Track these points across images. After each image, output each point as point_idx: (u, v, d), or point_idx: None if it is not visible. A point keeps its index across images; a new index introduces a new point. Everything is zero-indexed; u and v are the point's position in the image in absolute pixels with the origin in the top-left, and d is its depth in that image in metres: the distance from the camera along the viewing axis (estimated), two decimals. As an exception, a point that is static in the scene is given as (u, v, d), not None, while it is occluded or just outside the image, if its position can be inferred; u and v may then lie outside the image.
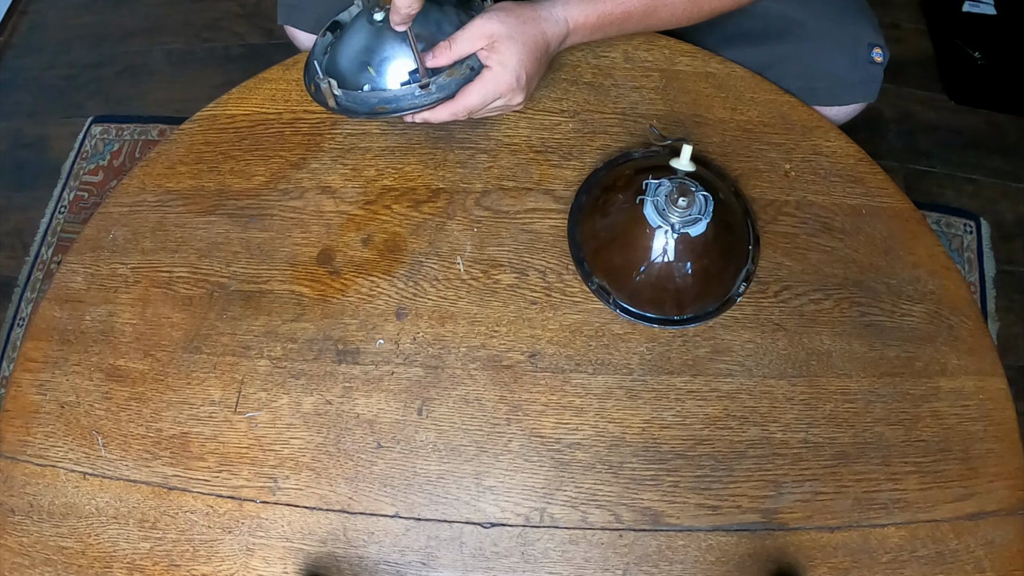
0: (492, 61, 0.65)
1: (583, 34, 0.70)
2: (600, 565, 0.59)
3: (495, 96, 0.66)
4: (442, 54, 0.66)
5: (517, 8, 0.67)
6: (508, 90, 0.66)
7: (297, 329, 0.67)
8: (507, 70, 0.65)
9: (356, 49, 0.71)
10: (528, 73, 0.66)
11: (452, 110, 0.67)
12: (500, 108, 0.69)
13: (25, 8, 1.72)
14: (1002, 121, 1.46)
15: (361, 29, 0.71)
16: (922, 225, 0.70)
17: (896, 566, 0.58)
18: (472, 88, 0.66)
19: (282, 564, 0.59)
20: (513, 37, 0.65)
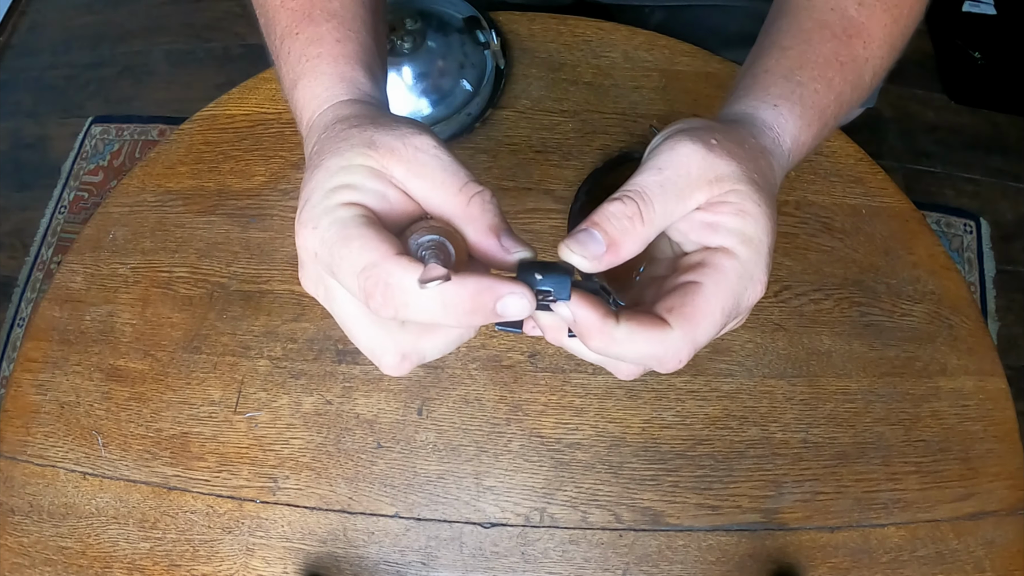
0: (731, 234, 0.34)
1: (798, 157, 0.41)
2: (600, 565, 0.59)
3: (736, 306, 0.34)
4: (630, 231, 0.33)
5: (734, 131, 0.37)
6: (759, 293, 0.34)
7: (297, 329, 0.67)
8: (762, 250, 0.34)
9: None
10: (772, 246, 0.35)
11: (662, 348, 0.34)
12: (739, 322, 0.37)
13: (25, 8, 1.72)
14: (1002, 121, 1.46)
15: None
16: (922, 225, 0.70)
17: (896, 566, 0.58)
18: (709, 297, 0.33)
19: (282, 564, 0.59)
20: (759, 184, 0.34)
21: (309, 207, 0.33)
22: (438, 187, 0.33)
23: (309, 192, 0.33)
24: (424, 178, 0.33)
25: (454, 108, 0.70)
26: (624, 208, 0.33)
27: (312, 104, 0.40)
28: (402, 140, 0.33)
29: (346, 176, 0.33)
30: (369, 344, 0.34)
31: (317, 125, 0.38)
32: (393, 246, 0.31)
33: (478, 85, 0.70)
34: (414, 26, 0.70)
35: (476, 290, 0.30)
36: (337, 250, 0.31)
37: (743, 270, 0.33)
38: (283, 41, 0.43)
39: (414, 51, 0.69)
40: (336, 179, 0.33)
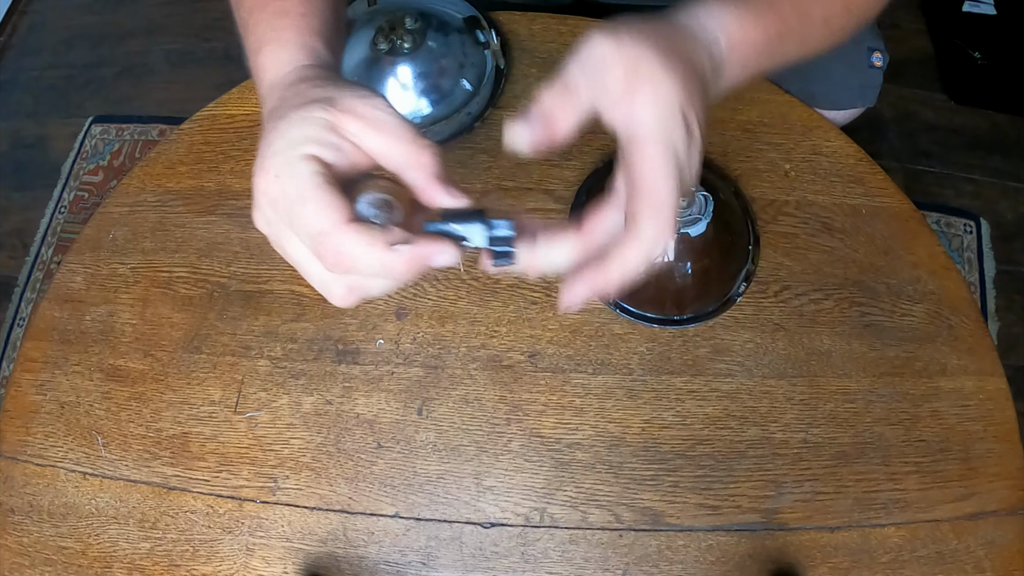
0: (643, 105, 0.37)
1: (740, 61, 0.44)
2: (600, 565, 0.59)
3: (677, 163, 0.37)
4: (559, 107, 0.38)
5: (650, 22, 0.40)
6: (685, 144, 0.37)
7: (297, 329, 0.67)
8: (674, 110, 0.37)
9: (355, 74, 0.71)
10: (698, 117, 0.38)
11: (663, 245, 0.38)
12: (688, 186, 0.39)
13: (25, 8, 1.72)
14: (1002, 121, 1.46)
15: (363, 52, 0.71)
16: (922, 225, 0.70)
17: (896, 566, 0.58)
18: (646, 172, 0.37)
19: (282, 564, 0.59)
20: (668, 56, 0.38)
21: (271, 153, 0.37)
22: (393, 139, 0.38)
23: (272, 139, 0.37)
24: (380, 132, 0.37)
25: (454, 108, 0.70)
26: (551, 89, 0.38)
27: (275, 67, 0.44)
28: (361, 99, 0.38)
29: (306, 127, 0.37)
30: (320, 280, 0.39)
31: (279, 84, 0.43)
32: (345, 212, 0.36)
33: (478, 85, 0.70)
34: (414, 25, 0.69)
35: (410, 257, 0.37)
36: (296, 208, 0.36)
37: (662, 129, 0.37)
38: (251, 13, 0.47)
39: (414, 51, 0.69)
40: (297, 129, 0.37)
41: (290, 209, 0.36)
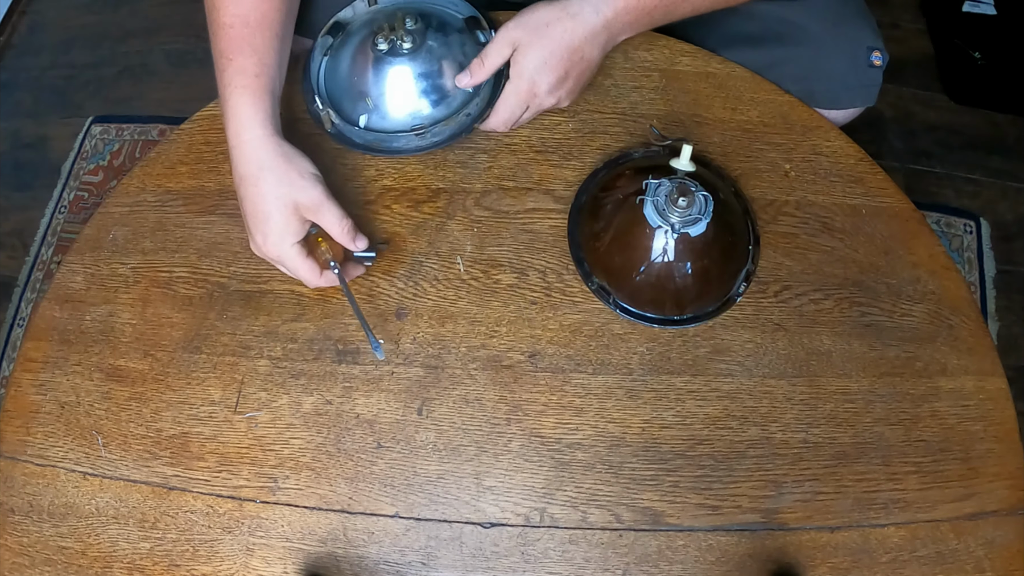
0: (511, 71, 0.67)
1: (627, 22, 0.67)
2: (600, 565, 0.59)
3: (520, 106, 0.68)
4: (477, 71, 0.67)
5: (543, 10, 0.66)
6: (528, 97, 0.67)
7: (297, 329, 0.67)
8: (522, 79, 0.66)
9: (355, 74, 0.71)
10: (551, 78, 0.66)
11: (491, 125, 0.70)
12: (534, 113, 0.70)
13: (25, 8, 1.72)
14: (1002, 121, 1.46)
15: (363, 52, 0.71)
16: (922, 225, 0.70)
17: (896, 566, 0.58)
18: (498, 104, 0.68)
19: (282, 564, 0.59)
20: (531, 43, 0.65)
21: (273, 244, 0.62)
22: (331, 222, 0.62)
23: (269, 228, 0.62)
24: (322, 216, 0.62)
25: (454, 108, 0.70)
26: (475, 60, 0.67)
27: (237, 125, 0.63)
28: (310, 199, 0.61)
29: (290, 225, 0.62)
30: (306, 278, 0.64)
31: (249, 156, 0.62)
32: (315, 268, 0.63)
33: (478, 85, 0.70)
34: (414, 26, 0.69)
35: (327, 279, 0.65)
36: (288, 265, 0.63)
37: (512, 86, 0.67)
38: (219, 59, 0.64)
39: (414, 51, 0.68)
40: (285, 226, 0.61)
41: (285, 267, 0.64)
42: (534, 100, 0.68)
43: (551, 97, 0.68)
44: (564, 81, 0.67)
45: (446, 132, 0.70)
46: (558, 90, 0.67)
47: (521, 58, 0.66)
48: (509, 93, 0.67)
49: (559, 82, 0.67)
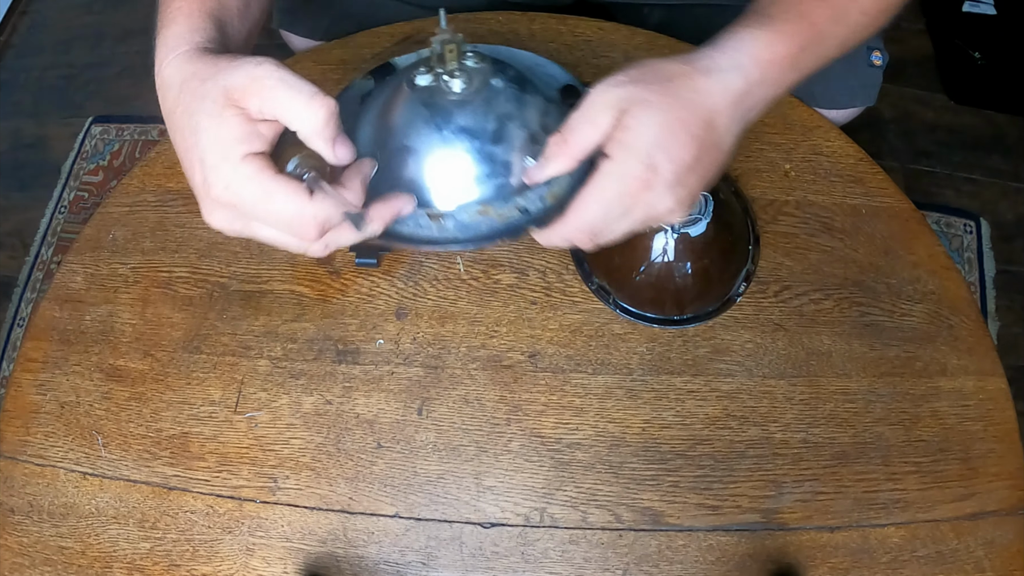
0: (613, 144, 0.43)
1: (772, 80, 0.46)
2: (600, 565, 0.59)
3: (622, 201, 0.44)
4: (557, 151, 0.45)
5: (659, 62, 0.46)
6: (639, 187, 0.43)
7: (297, 329, 0.67)
8: (633, 156, 0.43)
9: (371, 119, 0.51)
10: (676, 158, 0.43)
11: (563, 233, 0.46)
12: (642, 220, 0.45)
13: (25, 8, 1.72)
14: (1002, 121, 1.46)
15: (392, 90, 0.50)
16: (922, 225, 0.70)
17: (896, 566, 0.58)
18: (583, 197, 0.44)
19: (282, 564, 0.59)
20: (647, 103, 0.43)
21: (212, 169, 0.41)
22: (289, 106, 0.40)
23: (201, 153, 0.41)
24: (275, 101, 0.40)
25: (504, 194, 0.47)
26: (554, 138, 0.45)
27: (162, 52, 0.45)
28: (248, 76, 0.40)
29: (224, 129, 0.40)
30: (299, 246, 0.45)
31: (169, 81, 0.44)
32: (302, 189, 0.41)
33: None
34: (476, 63, 0.48)
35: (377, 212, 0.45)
36: (261, 206, 0.41)
37: (612, 169, 0.43)
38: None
39: (466, 95, 0.47)
40: (219, 135, 0.41)
41: (254, 208, 0.41)
42: (646, 194, 0.43)
43: (671, 193, 0.44)
44: (693, 169, 0.44)
45: (483, 226, 0.47)
46: (685, 180, 0.44)
47: (633, 122, 0.42)
48: (608, 178, 0.43)
49: (687, 169, 0.43)
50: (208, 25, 0.46)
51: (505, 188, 0.47)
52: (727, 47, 0.46)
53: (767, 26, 0.46)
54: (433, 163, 0.47)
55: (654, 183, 0.43)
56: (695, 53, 0.46)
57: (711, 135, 0.44)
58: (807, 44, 0.47)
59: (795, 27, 0.46)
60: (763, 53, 0.45)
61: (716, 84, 0.44)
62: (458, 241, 0.47)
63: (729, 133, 0.45)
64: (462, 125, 0.47)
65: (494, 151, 0.47)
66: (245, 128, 0.40)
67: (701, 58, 0.45)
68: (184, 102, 0.42)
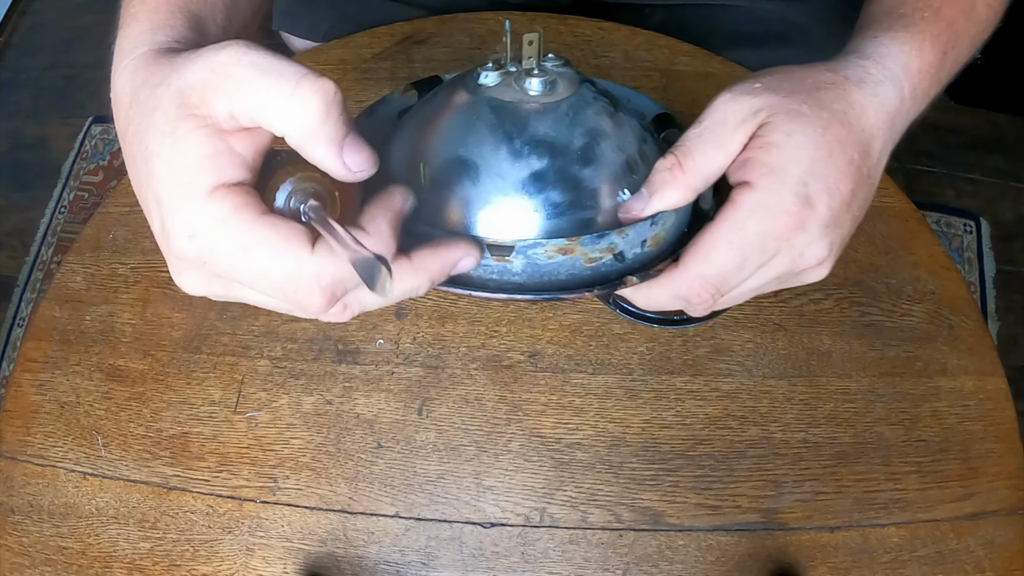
0: (754, 168, 0.33)
1: (925, 89, 0.38)
2: (600, 565, 0.59)
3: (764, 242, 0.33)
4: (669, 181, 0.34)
5: (800, 69, 0.37)
6: (789, 225, 0.33)
7: (297, 329, 0.67)
8: (786, 181, 0.32)
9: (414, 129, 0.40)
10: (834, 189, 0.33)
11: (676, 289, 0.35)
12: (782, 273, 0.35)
13: (25, 8, 1.72)
14: (1002, 121, 1.46)
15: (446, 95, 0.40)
16: (922, 225, 0.70)
17: (896, 566, 0.58)
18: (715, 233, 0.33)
19: (282, 564, 0.59)
20: (799, 113, 0.33)
21: (170, 212, 0.29)
22: (267, 99, 0.27)
23: (155, 190, 0.29)
24: (247, 96, 0.27)
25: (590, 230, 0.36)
26: (664, 162, 0.35)
27: (116, 59, 0.34)
28: (207, 69, 0.28)
29: (184, 152, 0.28)
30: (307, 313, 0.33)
31: (119, 95, 0.33)
32: (302, 235, 0.29)
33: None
34: (559, 67, 0.40)
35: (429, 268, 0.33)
36: (241, 264, 0.29)
37: (756, 200, 0.33)
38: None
39: (546, 102, 0.37)
40: (177, 160, 0.28)
41: (232, 266, 0.29)
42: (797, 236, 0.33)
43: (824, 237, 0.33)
44: (849, 206, 0.34)
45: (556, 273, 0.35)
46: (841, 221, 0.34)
47: (782, 139, 0.33)
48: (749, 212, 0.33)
49: (844, 205, 0.34)
50: (177, 21, 0.35)
51: (591, 225, 0.36)
52: (873, 54, 0.37)
53: (910, 28, 0.38)
54: (498, 183, 0.35)
55: (808, 222, 0.32)
56: (837, 61, 0.37)
57: (867, 162, 0.35)
58: (948, 48, 0.39)
59: (936, 27, 0.38)
60: (913, 62, 0.37)
61: (872, 99, 0.35)
62: (528, 289, 0.35)
63: (881, 162, 0.36)
64: (541, 136, 0.35)
65: (581, 174, 0.35)
66: (210, 146, 0.28)
67: (848, 66, 0.36)
68: (134, 121, 0.31)
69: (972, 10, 0.41)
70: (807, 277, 0.35)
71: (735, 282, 0.34)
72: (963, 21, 0.40)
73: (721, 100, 0.35)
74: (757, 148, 0.33)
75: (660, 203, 0.35)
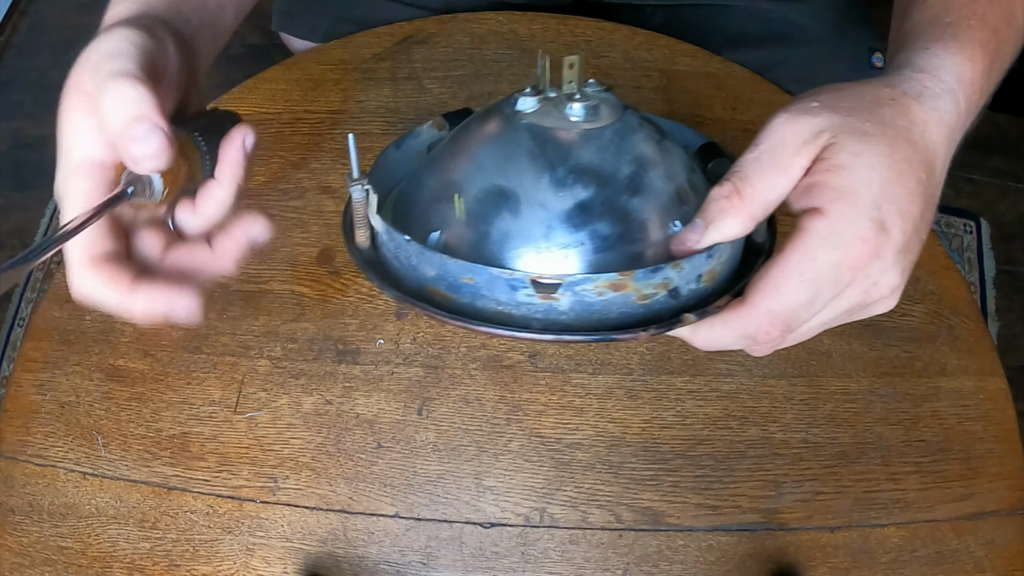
0: (823, 193, 0.32)
1: (977, 101, 0.37)
2: (600, 565, 0.59)
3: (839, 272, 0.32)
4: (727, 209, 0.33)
5: (858, 85, 0.35)
6: (865, 253, 0.31)
7: (297, 329, 0.67)
8: (859, 206, 0.31)
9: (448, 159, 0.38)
10: (906, 212, 0.32)
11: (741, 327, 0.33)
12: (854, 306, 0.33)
13: (25, 8, 1.72)
14: (1002, 121, 1.46)
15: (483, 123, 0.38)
16: (922, 225, 0.70)
17: (896, 566, 0.58)
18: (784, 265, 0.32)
19: (282, 564, 0.59)
20: (866, 133, 0.32)
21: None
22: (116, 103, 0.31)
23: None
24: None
25: (641, 263, 0.34)
26: (721, 189, 0.33)
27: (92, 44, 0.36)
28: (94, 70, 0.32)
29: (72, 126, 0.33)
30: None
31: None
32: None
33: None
34: (600, 92, 0.39)
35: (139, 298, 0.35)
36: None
37: (829, 228, 0.31)
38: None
39: (591, 127, 0.36)
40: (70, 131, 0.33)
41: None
42: (872, 264, 0.32)
43: (898, 264, 0.32)
44: (919, 229, 0.33)
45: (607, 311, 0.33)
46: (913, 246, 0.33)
47: (850, 160, 0.31)
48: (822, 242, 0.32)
49: (915, 228, 0.33)
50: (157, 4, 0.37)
51: (641, 260, 0.34)
52: (927, 66, 0.35)
53: (959, 37, 0.36)
54: (540, 214, 0.33)
55: (883, 249, 0.31)
56: (892, 76, 0.35)
57: (932, 181, 0.34)
58: (994, 56, 0.37)
59: (983, 35, 0.37)
60: (966, 72, 0.35)
61: (932, 113, 0.34)
62: (577, 329, 0.33)
63: (942, 179, 0.35)
64: (585, 164, 0.34)
65: (629, 204, 0.34)
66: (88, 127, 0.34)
67: (904, 80, 0.35)
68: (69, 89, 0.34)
69: (1013, 17, 0.40)
70: (876, 308, 0.34)
71: (806, 317, 0.32)
72: (1005, 28, 0.39)
73: (778, 121, 0.33)
74: (824, 172, 0.32)
75: (717, 234, 0.33)
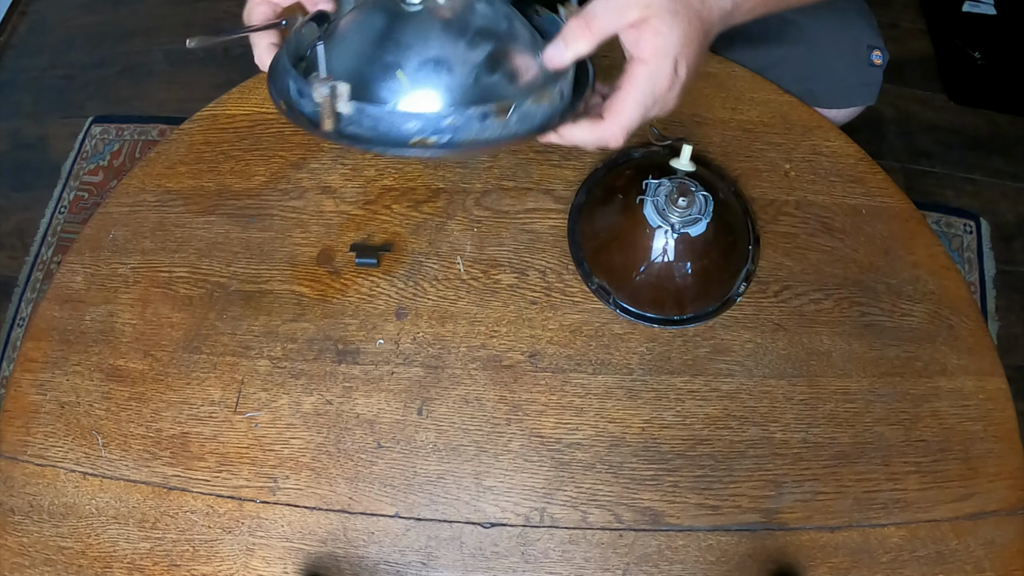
0: (646, 46, 0.47)
1: (750, 8, 0.54)
2: (600, 565, 0.59)
3: (653, 99, 0.49)
4: (577, 36, 0.47)
5: None
6: (666, 87, 0.49)
7: (297, 329, 0.67)
8: (667, 57, 0.48)
9: (371, 41, 0.48)
10: (689, 63, 0.49)
11: (601, 135, 0.50)
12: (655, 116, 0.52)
13: (25, 8, 1.72)
14: (1002, 121, 1.46)
15: (378, 16, 0.49)
16: (922, 225, 0.70)
17: (896, 566, 0.58)
18: (625, 96, 0.49)
19: (282, 564, 0.59)
20: (676, 12, 0.47)
21: None
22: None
23: None
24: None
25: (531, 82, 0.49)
26: (577, 20, 0.47)
27: None
28: None
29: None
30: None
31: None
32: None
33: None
34: None
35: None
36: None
37: (650, 71, 0.48)
38: None
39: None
40: None
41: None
42: (668, 94, 0.49)
43: (680, 94, 0.51)
44: (694, 73, 0.51)
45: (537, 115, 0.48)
46: (689, 83, 0.51)
47: (665, 28, 0.47)
48: (647, 80, 0.48)
49: (694, 73, 0.51)
50: None
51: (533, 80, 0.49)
52: None
53: None
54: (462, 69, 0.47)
55: (675, 85, 0.49)
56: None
57: (706, 43, 0.51)
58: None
59: None
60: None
61: (716, 2, 0.51)
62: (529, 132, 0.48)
63: (707, 47, 0.53)
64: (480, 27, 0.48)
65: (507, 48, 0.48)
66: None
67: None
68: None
69: None
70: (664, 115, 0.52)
71: (637, 125, 0.50)
72: None
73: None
74: (649, 32, 0.47)
75: (572, 52, 0.48)
